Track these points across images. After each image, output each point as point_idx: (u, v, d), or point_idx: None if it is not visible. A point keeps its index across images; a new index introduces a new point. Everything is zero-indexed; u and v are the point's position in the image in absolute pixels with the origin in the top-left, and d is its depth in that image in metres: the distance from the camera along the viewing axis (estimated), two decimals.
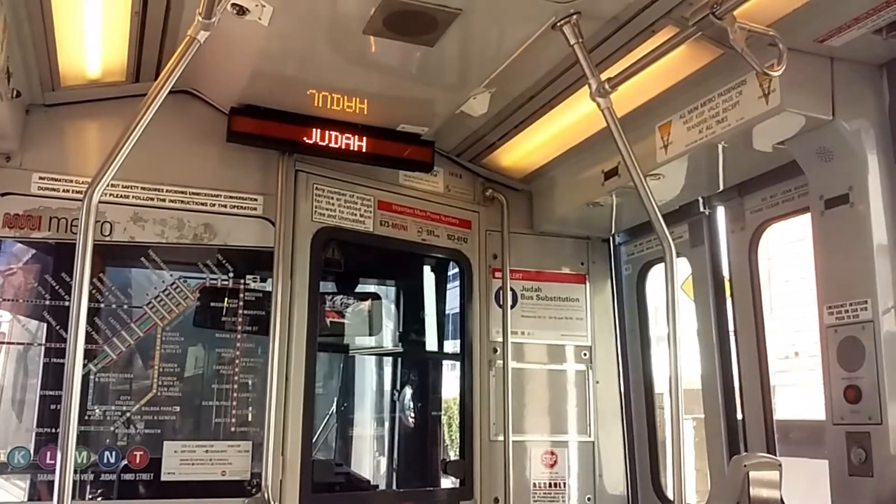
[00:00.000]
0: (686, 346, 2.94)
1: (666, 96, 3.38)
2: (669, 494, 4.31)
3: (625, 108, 3.26)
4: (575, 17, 2.85)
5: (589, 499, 4.35)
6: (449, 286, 4.83)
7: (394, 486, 5.06)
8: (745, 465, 2.88)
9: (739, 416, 3.76)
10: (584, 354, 4.51)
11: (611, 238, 4.70)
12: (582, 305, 4.59)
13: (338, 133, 3.75)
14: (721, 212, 3.92)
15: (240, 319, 3.70)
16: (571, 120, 3.78)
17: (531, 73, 3.42)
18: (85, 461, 3.33)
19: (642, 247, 4.53)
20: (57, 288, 3.41)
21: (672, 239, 2.87)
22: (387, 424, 5.29)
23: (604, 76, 2.91)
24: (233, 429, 3.59)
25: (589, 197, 4.04)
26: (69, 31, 3.09)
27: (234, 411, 3.61)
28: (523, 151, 4.22)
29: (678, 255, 2.95)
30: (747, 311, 3.74)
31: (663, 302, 2.88)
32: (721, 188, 3.75)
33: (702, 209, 3.97)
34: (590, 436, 4.42)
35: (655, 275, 4.53)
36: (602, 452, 4.42)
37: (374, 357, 5.55)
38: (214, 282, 3.69)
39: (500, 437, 4.20)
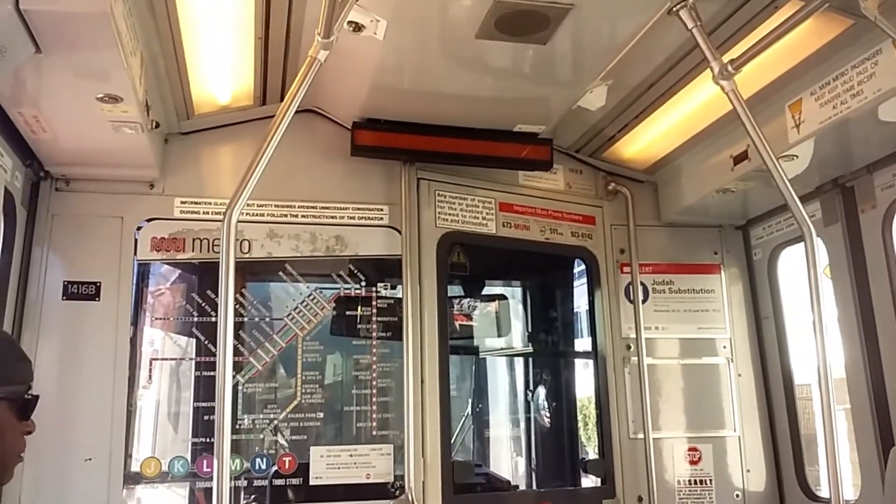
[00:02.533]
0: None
1: (793, 73, 3.23)
2: (815, 489, 4.09)
3: (750, 89, 3.13)
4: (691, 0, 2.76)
5: (737, 495, 4.18)
6: (576, 283, 4.78)
7: (534, 486, 5.05)
8: None
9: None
10: (724, 347, 4.36)
11: (744, 225, 4.51)
12: (718, 297, 4.43)
13: (456, 139, 3.80)
14: (855, 187, 3.68)
15: (374, 326, 3.80)
16: (694, 106, 3.67)
17: (648, 61, 3.35)
18: (238, 468, 3.51)
19: (771, 229, 4.33)
20: (203, 305, 3.61)
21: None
22: (522, 425, 5.29)
23: (726, 58, 2.79)
24: (374, 432, 3.70)
25: (718, 184, 3.90)
26: (199, 61, 3.28)
27: (374, 415, 3.72)
28: (645, 142, 4.12)
29: None
30: (884, 293, 3.50)
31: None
32: (855, 167, 3.54)
33: (832, 186, 3.76)
34: (735, 430, 4.25)
35: (787, 258, 4.31)
36: (748, 447, 4.25)
37: (505, 358, 5.57)
38: (348, 291, 3.82)
39: (640, 435, 4.11)
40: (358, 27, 2.81)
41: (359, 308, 3.83)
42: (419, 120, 3.74)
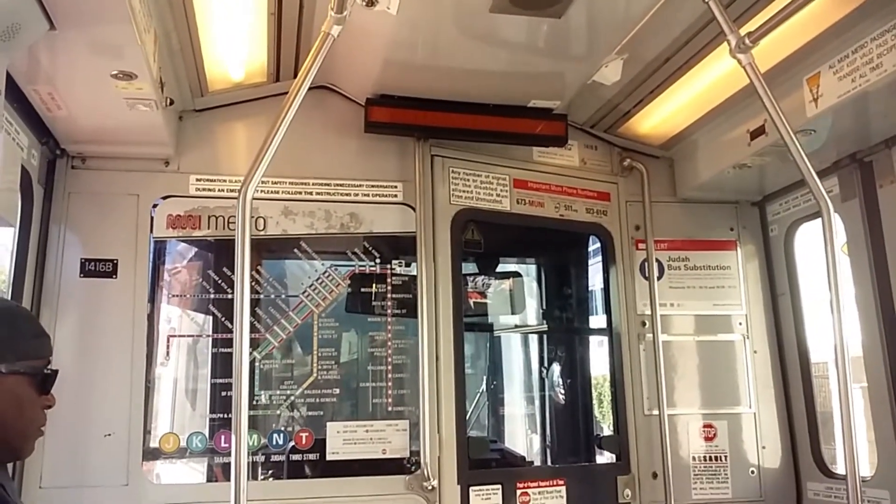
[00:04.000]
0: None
1: (812, 46, 3.18)
2: (832, 466, 4.09)
3: (768, 63, 3.09)
4: None
5: (752, 471, 4.19)
6: (591, 261, 4.77)
7: (549, 462, 5.07)
8: None
9: None
10: (740, 324, 4.34)
11: (761, 201, 4.48)
12: (734, 273, 4.41)
13: (470, 114, 3.78)
14: (873, 162, 3.64)
15: (389, 303, 3.81)
16: (711, 80, 3.63)
17: (664, 34, 3.31)
18: (256, 444, 3.54)
19: (788, 205, 4.28)
20: (219, 282, 3.64)
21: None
22: (537, 401, 5.31)
23: (743, 31, 2.76)
24: (389, 408, 3.72)
25: (735, 159, 3.87)
26: (212, 38, 3.27)
27: (389, 392, 3.74)
28: (661, 117, 4.09)
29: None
30: None
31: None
32: (873, 142, 3.50)
33: (850, 161, 3.71)
34: (750, 407, 4.25)
35: (804, 234, 4.28)
36: (763, 424, 4.24)
37: (520, 335, 5.57)
38: (363, 268, 3.83)
39: (655, 412, 4.11)
40: (371, 2, 2.80)
41: (374, 285, 3.84)
42: (433, 96, 3.72)
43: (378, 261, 3.84)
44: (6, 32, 2.29)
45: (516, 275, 5.16)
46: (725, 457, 4.19)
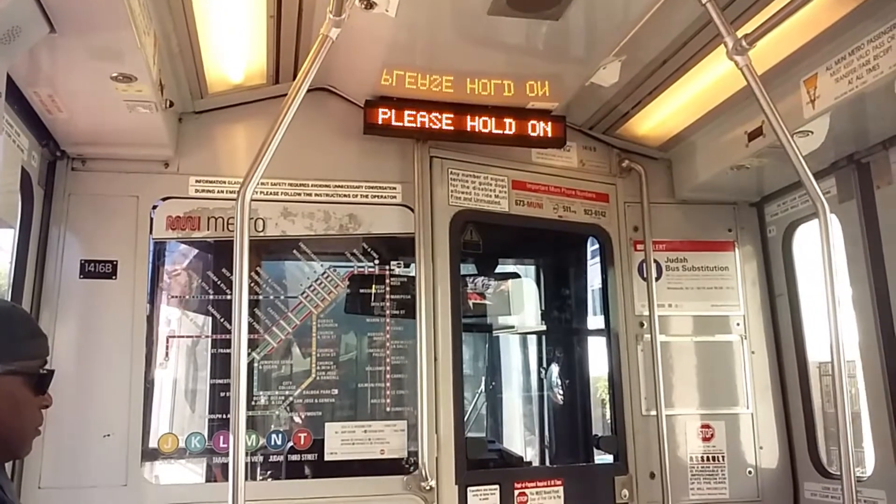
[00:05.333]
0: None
1: (809, 48, 3.19)
2: (829, 467, 4.10)
3: (765, 65, 3.10)
4: None
5: (750, 472, 4.20)
6: (590, 262, 4.78)
7: (547, 462, 5.08)
8: None
9: None
10: (738, 324, 4.35)
11: (759, 201, 4.49)
12: (732, 274, 4.42)
13: (468, 116, 3.78)
14: (870, 163, 3.65)
15: (387, 304, 3.83)
16: (708, 82, 3.64)
17: (662, 36, 3.32)
18: (254, 444, 3.55)
19: (786, 206, 4.29)
20: (218, 283, 3.65)
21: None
22: (535, 402, 5.32)
23: (740, 33, 2.77)
24: (388, 409, 3.73)
25: (733, 160, 3.88)
26: (212, 40, 3.28)
27: (387, 392, 3.75)
28: (659, 118, 4.10)
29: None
30: None
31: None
32: (870, 143, 3.51)
33: (848, 162, 3.72)
34: (748, 408, 4.26)
35: (802, 235, 4.29)
36: (761, 424, 4.26)
37: (518, 336, 5.58)
38: (362, 269, 3.84)
39: (653, 412, 4.13)
40: (370, 4, 2.81)
41: (372, 286, 3.85)
42: (431, 98, 3.72)
43: (377, 262, 3.85)
44: (7, 35, 2.30)
45: (515, 276, 5.17)
46: (723, 457, 4.21)
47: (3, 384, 1.71)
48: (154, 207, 3.64)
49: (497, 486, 3.76)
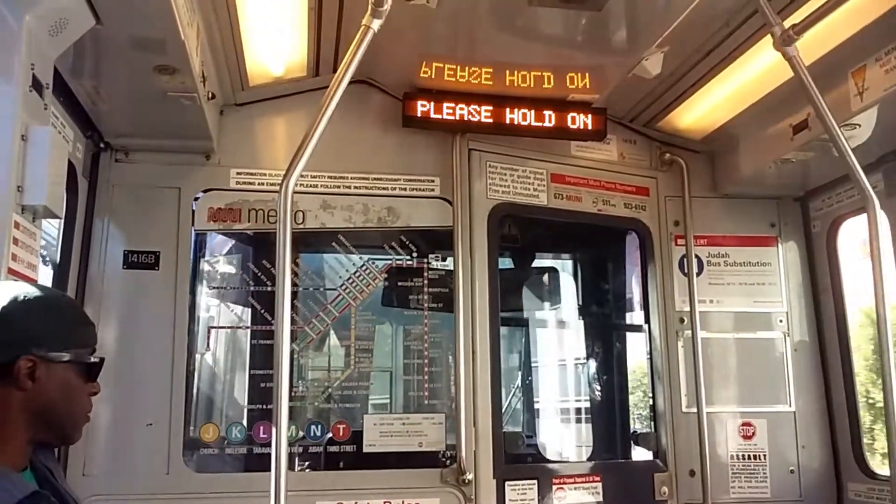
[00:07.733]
0: None
1: (857, 39, 3.11)
2: (874, 466, 4.02)
3: (812, 56, 3.03)
4: None
5: (792, 471, 4.13)
6: (629, 256, 4.73)
7: (585, 458, 5.05)
8: None
9: None
10: (780, 321, 4.28)
11: (803, 196, 4.40)
12: (774, 270, 4.34)
13: (508, 109, 3.76)
14: None
15: (425, 297, 3.82)
16: (753, 73, 3.58)
17: (706, 26, 3.27)
18: (294, 435, 3.58)
19: (831, 201, 4.20)
20: (259, 274, 3.67)
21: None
22: (573, 397, 5.28)
23: (787, 23, 2.72)
24: (425, 402, 3.73)
25: (777, 153, 3.81)
26: (253, 33, 3.30)
27: (425, 385, 3.75)
28: (702, 111, 4.04)
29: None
30: None
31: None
32: None
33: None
34: (790, 406, 4.19)
35: (847, 230, 4.20)
36: (803, 423, 4.18)
37: (556, 330, 5.55)
38: (400, 262, 3.84)
39: (693, 409, 4.07)
40: None
41: (410, 279, 3.85)
42: (470, 90, 3.71)
43: (415, 255, 3.85)
44: (54, 27, 2.33)
45: (553, 270, 5.14)
46: (764, 455, 4.14)
47: (57, 372, 1.73)
48: (196, 199, 3.67)
49: (535, 482, 3.74)
